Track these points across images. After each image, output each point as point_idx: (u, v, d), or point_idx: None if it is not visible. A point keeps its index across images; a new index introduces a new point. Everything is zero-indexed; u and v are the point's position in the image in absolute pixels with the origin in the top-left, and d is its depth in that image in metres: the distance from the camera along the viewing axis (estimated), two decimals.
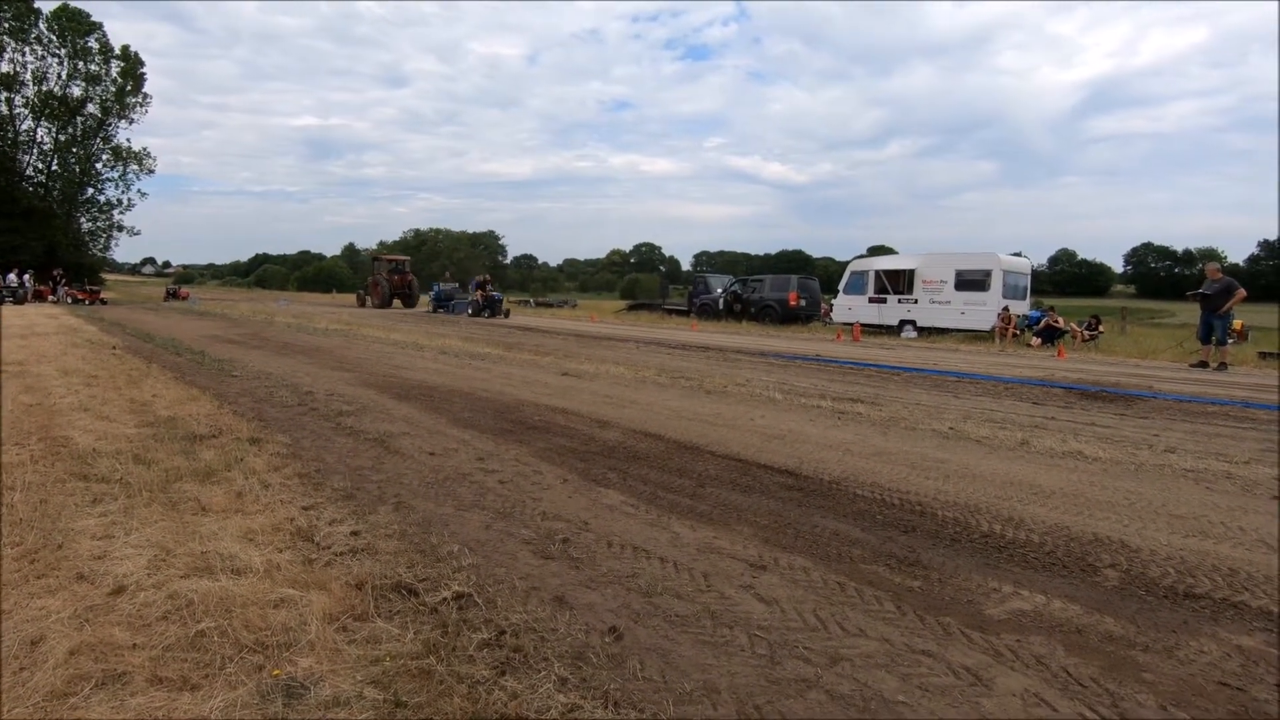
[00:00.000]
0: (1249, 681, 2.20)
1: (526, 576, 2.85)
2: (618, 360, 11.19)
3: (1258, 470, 4.83)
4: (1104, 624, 2.57)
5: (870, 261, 22.74)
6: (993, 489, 4.28)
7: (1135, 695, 2.11)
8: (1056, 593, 2.83)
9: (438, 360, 10.71)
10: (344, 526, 3.30)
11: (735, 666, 2.21)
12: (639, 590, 2.75)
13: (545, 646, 2.27)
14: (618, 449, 5.15)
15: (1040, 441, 5.61)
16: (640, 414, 6.52)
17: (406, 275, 33.58)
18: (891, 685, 2.13)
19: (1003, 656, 2.32)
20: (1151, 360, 14.10)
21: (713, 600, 2.68)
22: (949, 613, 2.64)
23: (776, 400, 7.52)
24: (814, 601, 2.70)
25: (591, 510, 3.73)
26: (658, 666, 2.19)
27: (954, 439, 5.73)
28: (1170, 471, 4.78)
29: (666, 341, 15.79)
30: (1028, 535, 3.48)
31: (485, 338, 15.48)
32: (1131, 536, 3.47)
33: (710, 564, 3.04)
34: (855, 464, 4.82)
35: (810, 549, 3.26)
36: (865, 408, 7.10)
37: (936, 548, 3.31)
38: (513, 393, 7.60)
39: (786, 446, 5.31)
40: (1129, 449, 5.43)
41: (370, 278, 34.22)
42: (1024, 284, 19.81)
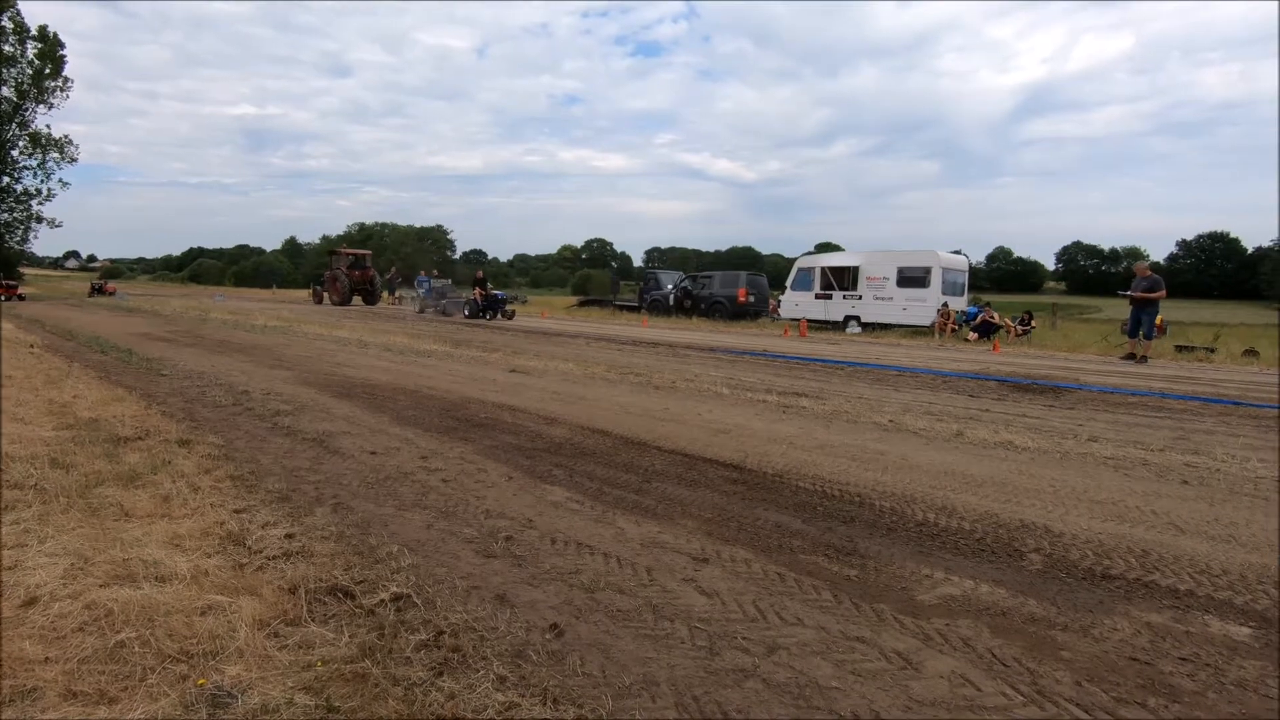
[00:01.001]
0: (1156, 656, 2.33)
1: (468, 576, 2.81)
2: (567, 357, 11.14)
3: (1171, 457, 5.12)
4: (1027, 606, 2.69)
5: (816, 259, 23.18)
6: (928, 479, 4.42)
7: (1053, 673, 2.22)
8: (984, 577, 2.95)
9: (382, 357, 10.48)
10: (278, 529, 3.20)
11: (675, 659, 2.23)
12: (582, 586, 2.75)
13: (485, 646, 2.25)
14: (565, 445, 5.13)
15: (974, 432, 5.82)
16: (588, 410, 6.51)
17: (368, 270, 31.23)
18: (826, 672, 2.18)
19: (932, 640, 2.41)
20: (1079, 354, 14.78)
21: (655, 594, 2.70)
22: (883, 599, 2.72)
23: (724, 395, 7.61)
24: (754, 592, 2.74)
25: (536, 507, 3.71)
26: (598, 662, 2.20)
27: (893, 431, 5.90)
28: (1092, 459, 5.03)
29: (617, 337, 15.80)
30: (959, 523, 3.61)
31: (433, 334, 15.20)
32: (1055, 522, 3.63)
33: (654, 558, 3.06)
34: (799, 457, 4.91)
35: (752, 541, 3.32)
36: (810, 402, 7.24)
37: (874, 537, 3.41)
38: (459, 390, 7.49)
39: (732, 441, 5.38)
40: (1055, 438, 5.68)
41: (327, 272, 31.75)
42: (962, 281, 20.50)
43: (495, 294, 22.82)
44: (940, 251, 19.88)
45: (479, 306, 22.15)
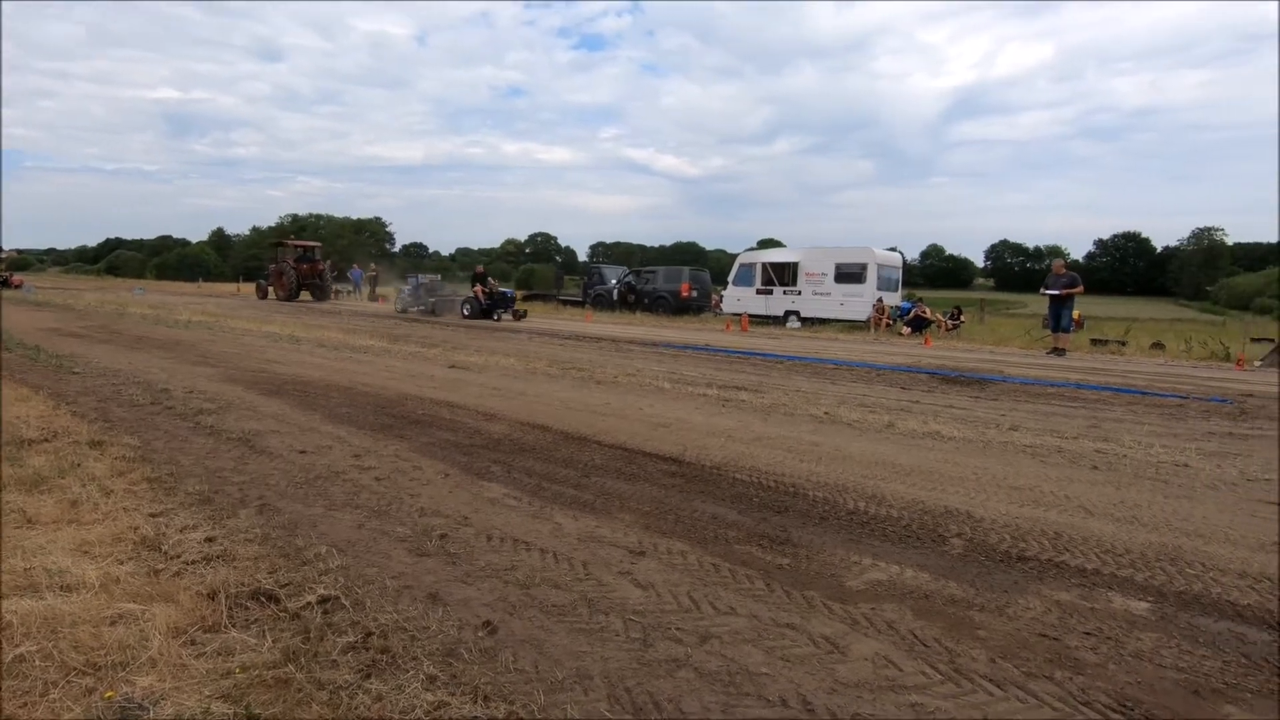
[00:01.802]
0: (1064, 632, 2.47)
1: (400, 575, 2.76)
2: (509, 352, 11.01)
3: (1083, 444, 5.41)
4: (948, 588, 2.81)
5: (757, 255, 23.56)
6: (860, 469, 4.56)
7: (970, 651, 2.32)
8: (909, 562, 3.06)
9: (315, 353, 10.14)
10: (197, 533, 3.06)
11: (609, 652, 2.24)
12: (517, 583, 2.73)
13: (415, 645, 2.22)
14: (504, 441, 5.08)
15: (904, 423, 6.03)
16: (529, 406, 6.46)
17: (317, 264, 28.84)
18: (756, 659, 2.23)
19: (859, 624, 2.49)
20: (1004, 347, 15.47)
21: (590, 588, 2.70)
22: (814, 587, 2.80)
23: (665, 389, 7.66)
24: (689, 584, 2.78)
25: (473, 504, 3.66)
26: (531, 657, 2.19)
27: (828, 423, 6.05)
28: (1013, 448, 5.27)
29: (560, 332, 15.70)
30: (888, 511, 3.73)
31: (370, 329, 14.79)
32: (976, 508, 3.80)
33: (590, 552, 3.07)
34: (736, 449, 4.99)
35: (689, 533, 3.36)
36: (749, 395, 7.37)
37: (806, 526, 3.50)
38: (396, 386, 7.32)
39: (672, 434, 5.42)
40: (980, 428, 5.94)
41: (272, 266, 29.20)
42: (896, 277, 21.16)
43: (502, 291, 20.21)
44: (875, 249, 20.47)
45: (481, 306, 19.55)
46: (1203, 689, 2.14)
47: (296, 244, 30.77)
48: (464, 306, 20.06)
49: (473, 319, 19.23)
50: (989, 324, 23.75)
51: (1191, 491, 4.22)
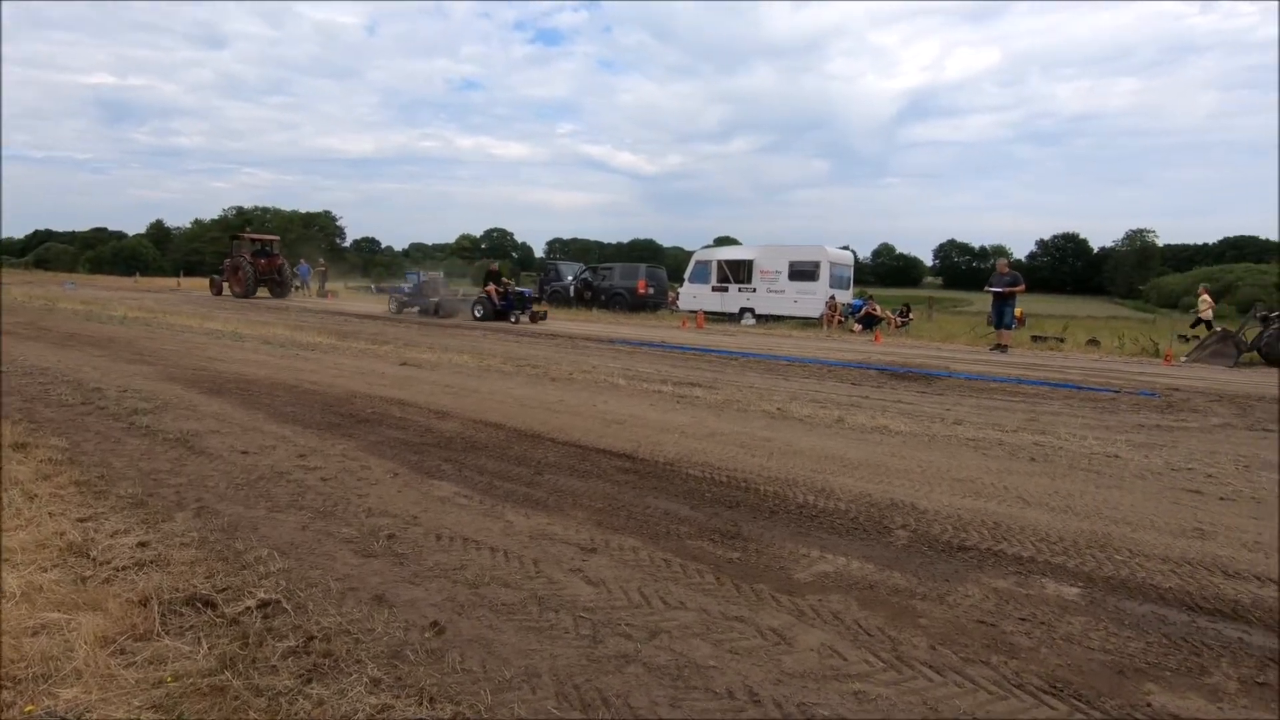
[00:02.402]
0: (1000, 618, 2.56)
1: (344, 577, 2.70)
2: (462, 349, 10.86)
3: (1022, 437, 5.61)
4: (893, 579, 2.88)
5: (713, 252, 23.73)
6: (810, 463, 4.64)
7: (911, 639, 2.39)
8: (856, 554, 3.13)
9: (260, 351, 9.83)
10: (129, 538, 2.94)
11: (558, 649, 2.23)
12: (466, 582, 2.70)
13: (359, 648, 2.17)
14: (455, 440, 5.01)
15: (854, 418, 6.16)
16: (482, 403, 6.38)
17: (275, 259, 27.12)
18: (705, 652, 2.25)
19: (805, 616, 2.53)
20: (951, 343, 15.93)
21: (541, 586, 2.69)
22: (763, 580, 2.84)
23: (620, 386, 7.67)
24: (640, 579, 2.79)
25: (422, 504, 3.60)
26: (479, 657, 2.17)
27: (780, 418, 6.14)
28: (956, 441, 5.44)
29: (514, 330, 15.56)
30: (836, 504, 3.81)
31: (318, 326, 14.40)
32: (921, 500, 3.91)
33: (541, 550, 3.05)
34: (690, 445, 5.03)
35: (641, 529, 3.37)
36: (703, 391, 7.42)
37: (757, 520, 3.54)
38: (344, 384, 7.15)
39: (626, 431, 5.43)
40: (926, 422, 6.11)
41: (228, 260, 27.12)
42: (848, 275, 21.59)
43: (520, 291, 18.37)
44: (828, 247, 20.84)
45: (495, 306, 17.65)
46: (1127, 669, 2.24)
47: (254, 237, 28.97)
48: (475, 308, 17.95)
49: (485, 321, 17.39)
50: (937, 321, 24.42)
51: (1121, 481, 4.41)
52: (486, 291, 17.91)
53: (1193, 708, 2.03)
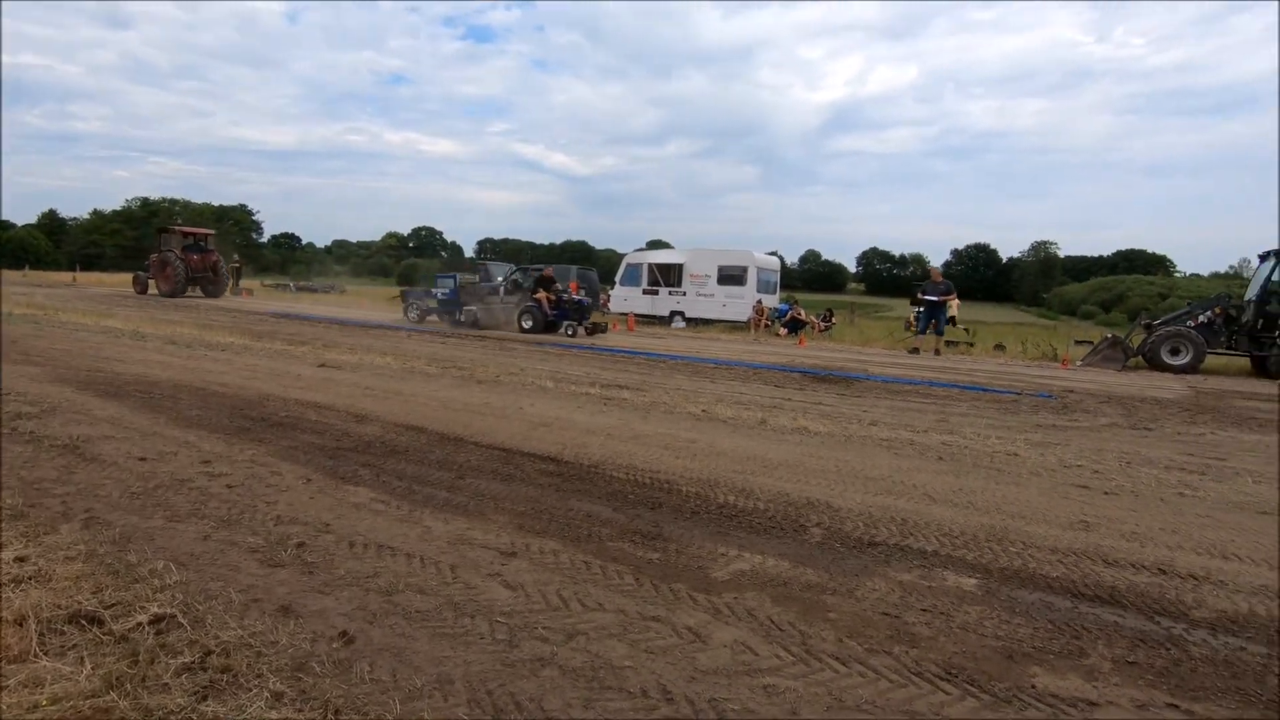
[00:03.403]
0: (903, 609, 2.69)
1: (248, 588, 2.58)
2: (385, 350, 10.56)
3: (932, 437, 5.90)
4: (805, 575, 2.98)
5: (644, 255, 23.89)
6: (732, 464, 4.73)
7: (821, 632, 2.48)
8: (772, 552, 3.22)
9: (163, 351, 9.27)
10: (6, 553, 2.73)
11: (472, 655, 2.21)
12: (379, 590, 2.63)
13: (261, 662, 2.08)
14: (374, 444, 4.87)
15: (776, 420, 6.32)
16: (404, 406, 6.23)
17: (210, 254, 24.44)
18: (621, 652, 2.27)
19: (721, 613, 2.59)
20: (870, 347, 16.56)
21: (457, 592, 2.65)
22: (681, 579, 2.88)
23: (548, 388, 7.62)
24: (559, 582, 2.78)
25: (335, 510, 3.49)
26: (390, 666, 2.12)
27: (705, 420, 6.24)
28: (871, 441, 5.66)
29: (442, 330, 15.23)
30: (756, 504, 3.90)
31: (230, 325, 13.70)
32: (835, 498, 4.05)
33: (460, 555, 3.00)
34: (615, 447, 5.05)
35: (563, 532, 3.36)
36: (631, 394, 7.46)
37: (678, 521, 3.59)
38: (257, 386, 6.83)
39: (552, 433, 5.41)
40: (843, 423, 6.33)
41: (154, 256, 24.26)
42: (775, 280, 22.13)
43: (576, 300, 15.93)
44: (756, 252, 21.30)
45: (546, 317, 15.51)
46: (1015, 653, 2.39)
47: (186, 231, 25.85)
48: (523, 318, 15.72)
49: (537, 331, 15.32)
50: (858, 326, 25.32)
51: (1018, 478, 4.70)
52: (537, 299, 15.70)
53: (1071, 687, 2.19)
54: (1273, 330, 12.16)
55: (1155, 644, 2.49)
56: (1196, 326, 12.76)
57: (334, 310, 21.01)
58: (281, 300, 27.60)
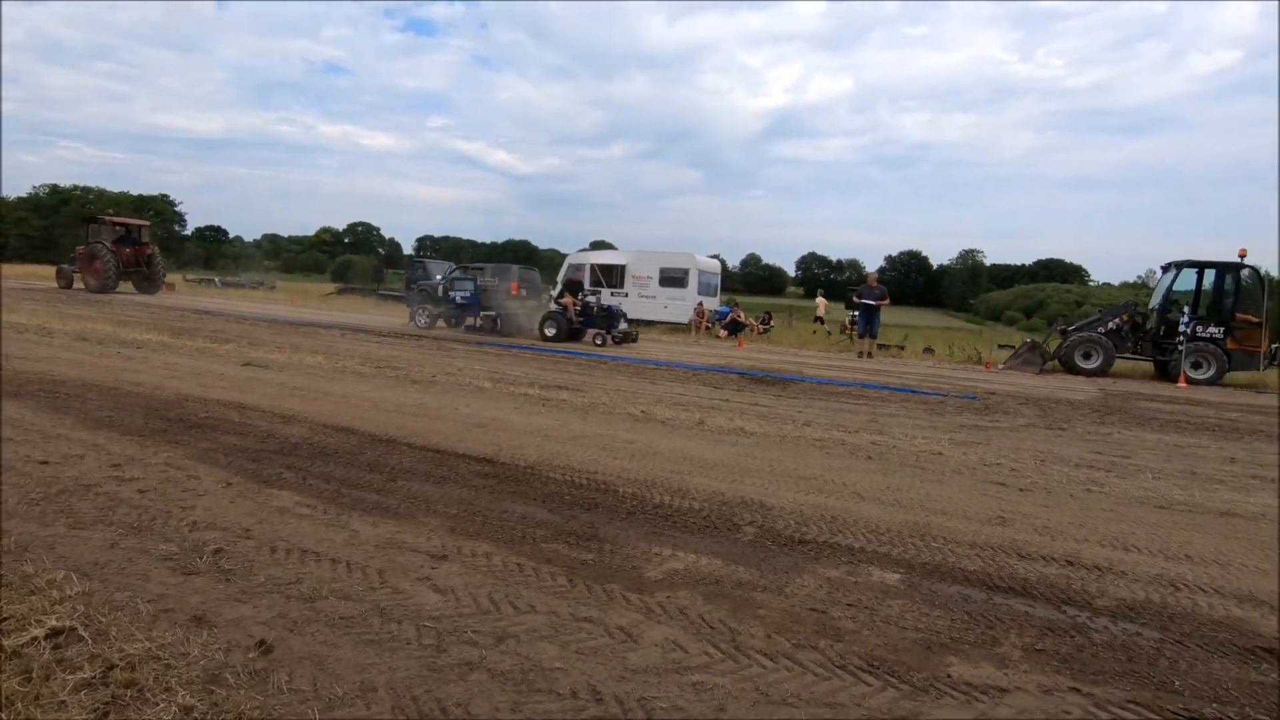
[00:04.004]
0: (830, 605, 2.76)
1: (158, 598, 2.45)
2: (316, 349, 10.21)
3: (863, 437, 6.08)
4: (737, 573, 3.03)
5: (587, 256, 23.84)
6: (669, 464, 4.77)
7: (750, 629, 2.52)
8: (705, 551, 3.25)
9: (72, 349, 8.72)
10: None
11: (398, 661, 2.16)
12: (301, 597, 2.54)
13: (170, 675, 1.98)
14: (301, 446, 4.70)
15: (713, 420, 6.41)
16: (334, 407, 6.03)
17: (144, 247, 22.68)
18: (551, 654, 2.26)
19: (653, 612, 2.61)
20: (807, 349, 16.96)
21: (384, 597, 2.58)
22: (615, 579, 2.88)
23: (485, 389, 7.51)
24: (491, 585, 2.75)
25: (257, 515, 3.35)
26: (310, 675, 2.05)
27: (644, 421, 6.27)
28: (805, 441, 5.80)
29: (377, 328, 14.84)
30: (691, 504, 3.94)
31: (149, 321, 12.99)
32: (768, 497, 4.13)
33: (388, 559, 2.93)
34: (552, 448, 5.02)
35: (496, 534, 3.32)
36: (569, 394, 7.43)
37: (614, 521, 3.60)
38: (175, 386, 6.50)
39: (488, 435, 5.33)
40: (779, 424, 6.46)
41: (81, 248, 22.30)
42: (715, 282, 22.43)
43: (606, 307, 14.80)
44: (697, 255, 21.55)
45: (571, 323, 14.44)
46: (934, 644, 2.49)
47: (118, 221, 23.82)
48: (545, 324, 14.52)
49: (557, 340, 14.17)
50: (796, 328, 25.90)
51: (942, 476, 4.89)
52: (563, 304, 14.70)
53: (984, 675, 2.29)
54: (1173, 336, 13.04)
55: (1061, 632, 2.63)
56: (1106, 332, 13.56)
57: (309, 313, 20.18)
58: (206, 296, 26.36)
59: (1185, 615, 2.83)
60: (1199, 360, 12.67)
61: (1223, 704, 2.19)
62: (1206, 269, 13.21)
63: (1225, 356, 12.58)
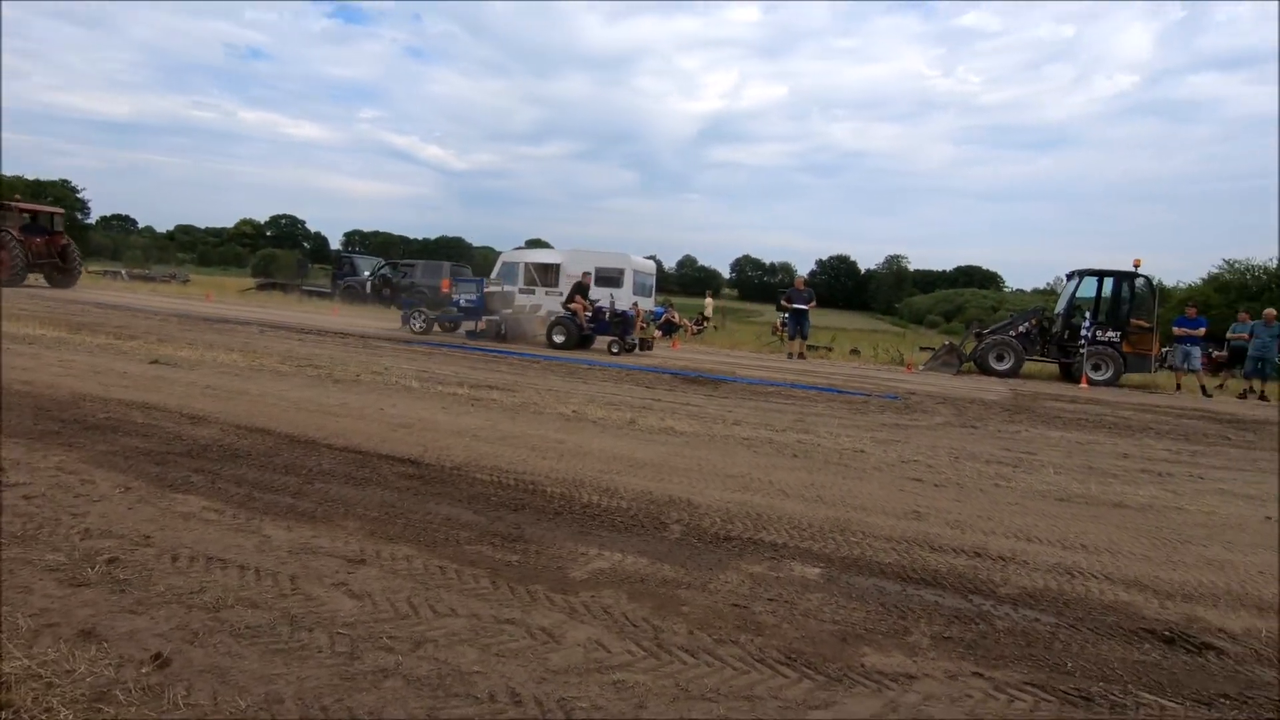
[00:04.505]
0: (752, 599, 2.81)
1: (42, 612, 2.28)
2: (232, 346, 9.72)
3: (789, 436, 6.23)
4: (663, 571, 3.05)
5: (521, 254, 23.55)
6: (599, 464, 4.76)
7: (673, 626, 2.54)
8: (632, 549, 3.26)
9: None
10: None
11: (308, 671, 2.07)
12: (203, 606, 2.41)
13: (51, 694, 1.85)
14: (211, 448, 4.47)
15: (645, 420, 6.43)
16: (249, 407, 5.76)
17: (58, 237, 20.70)
18: (471, 658, 2.21)
19: (577, 612, 2.59)
20: (739, 350, 17.27)
21: (296, 604, 2.48)
22: (539, 580, 2.86)
23: (413, 389, 7.32)
24: (410, 589, 2.68)
25: (158, 521, 3.16)
26: (210, 689, 1.94)
27: (575, 421, 6.24)
28: (734, 440, 5.89)
29: (300, 326, 14.26)
30: (619, 503, 3.95)
31: (43, 315, 12.07)
32: (696, 495, 4.18)
33: (302, 565, 2.82)
34: (480, 449, 4.93)
35: (418, 537, 3.24)
36: (500, 394, 7.33)
37: (541, 522, 3.56)
38: (70, 385, 6.07)
39: (413, 435, 5.20)
40: (709, 423, 6.55)
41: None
42: (650, 283, 22.51)
43: (620, 311, 13.70)
44: (632, 255, 21.58)
45: (581, 329, 13.42)
46: (849, 635, 2.57)
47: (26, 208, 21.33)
48: (554, 331, 13.44)
49: (565, 348, 13.08)
50: (729, 329, 26.32)
51: (863, 473, 5.06)
52: (572, 308, 13.50)
53: (895, 664, 2.38)
54: (1076, 340, 13.90)
55: (967, 620, 2.76)
56: (1017, 336, 14.34)
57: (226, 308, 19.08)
58: (111, 289, 24.71)
59: (1079, 601, 3.02)
60: (1099, 362, 13.55)
61: (1109, 682, 2.35)
62: (1106, 277, 14.15)
63: (1122, 359, 13.50)
